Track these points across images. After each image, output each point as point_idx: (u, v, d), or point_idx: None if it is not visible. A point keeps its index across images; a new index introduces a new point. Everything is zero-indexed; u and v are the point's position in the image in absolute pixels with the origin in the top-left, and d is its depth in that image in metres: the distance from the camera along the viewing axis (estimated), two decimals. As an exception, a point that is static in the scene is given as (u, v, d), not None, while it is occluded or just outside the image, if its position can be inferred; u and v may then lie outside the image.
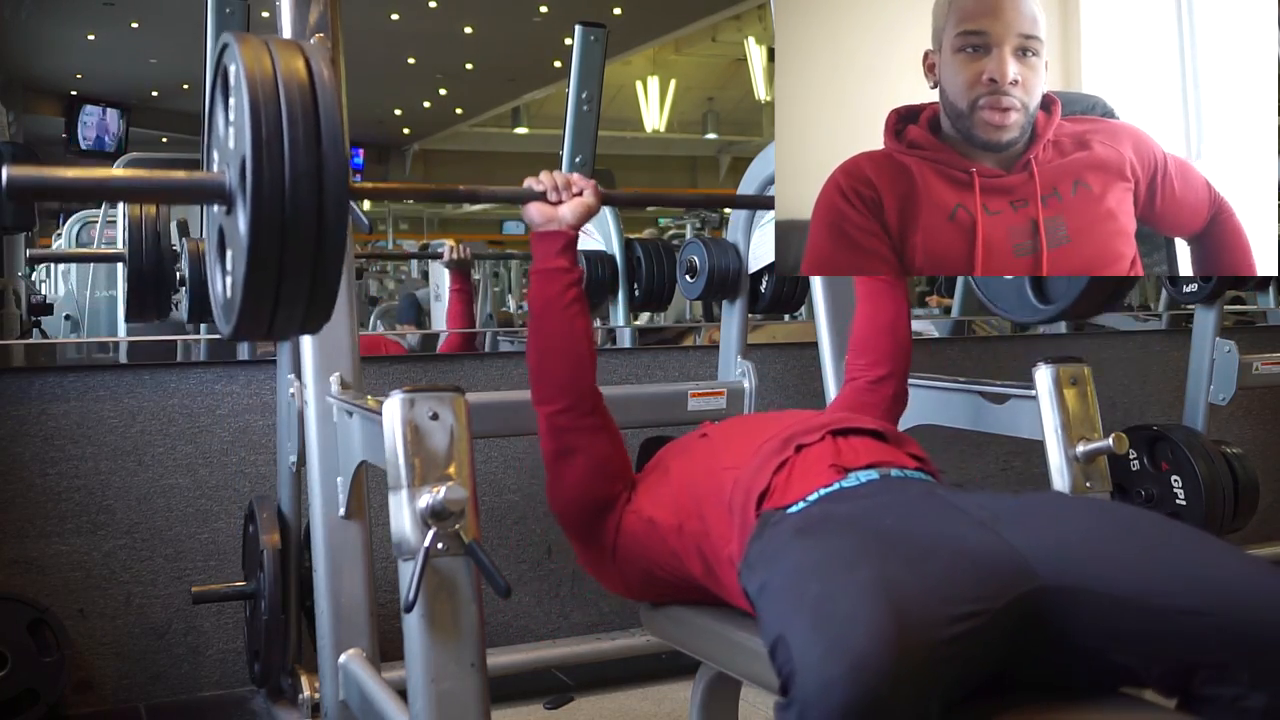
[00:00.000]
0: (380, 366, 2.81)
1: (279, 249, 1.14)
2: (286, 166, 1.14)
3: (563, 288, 1.61)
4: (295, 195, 1.14)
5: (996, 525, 1.27)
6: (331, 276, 1.20)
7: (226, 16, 3.41)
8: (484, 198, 1.61)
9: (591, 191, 1.61)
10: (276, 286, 1.17)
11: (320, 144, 1.16)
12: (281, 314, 1.20)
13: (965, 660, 1.13)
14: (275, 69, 1.16)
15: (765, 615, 1.20)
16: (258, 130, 1.13)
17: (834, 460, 1.48)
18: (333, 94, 1.19)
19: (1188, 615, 1.15)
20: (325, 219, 1.16)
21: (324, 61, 1.21)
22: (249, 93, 1.14)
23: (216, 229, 1.29)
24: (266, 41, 1.20)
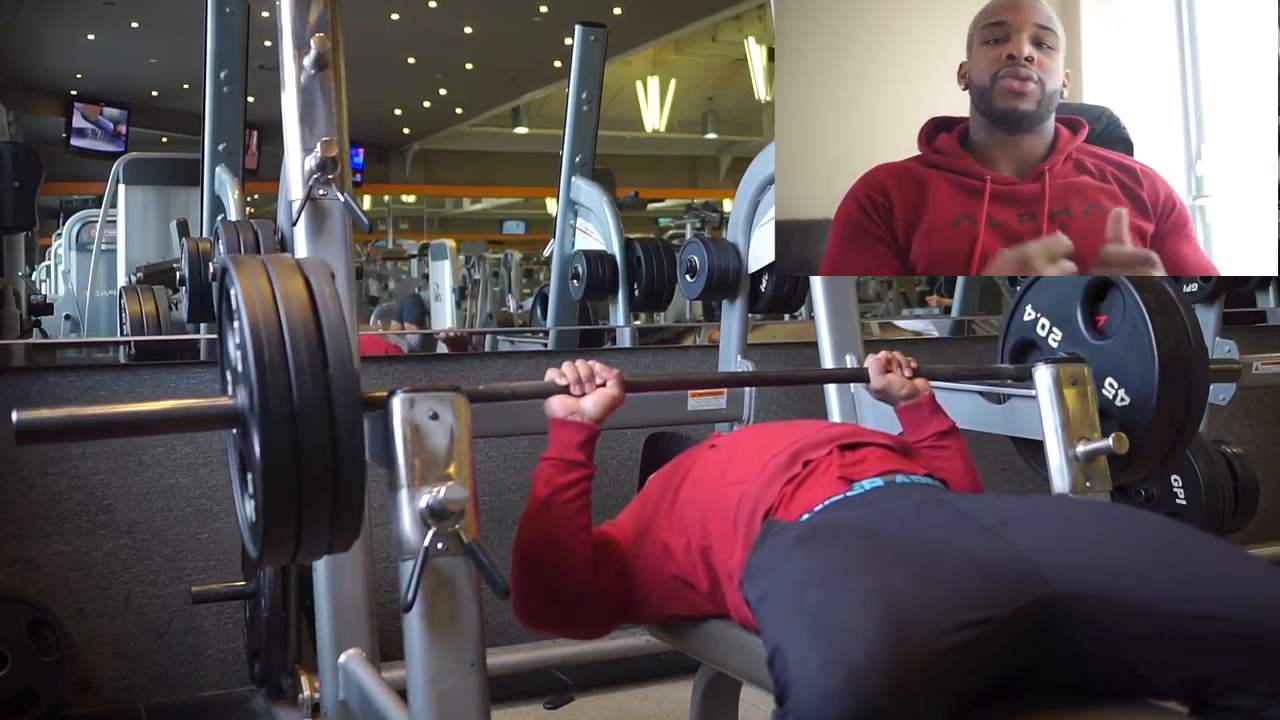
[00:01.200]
0: (380, 366, 2.81)
1: (295, 474, 1.14)
2: (294, 393, 1.13)
3: (575, 481, 1.52)
4: (305, 421, 1.14)
5: (1004, 532, 1.25)
6: (353, 498, 1.19)
7: (226, 16, 3.43)
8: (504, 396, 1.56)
9: (615, 382, 1.55)
10: (297, 510, 1.16)
11: (327, 367, 1.16)
12: (307, 536, 1.20)
13: (970, 669, 1.12)
14: (274, 293, 1.17)
15: (764, 624, 1.19)
16: (260, 360, 1.13)
17: (842, 472, 1.47)
18: (335, 313, 1.19)
19: (1201, 621, 1.14)
20: (339, 442, 1.15)
21: (324, 280, 1.21)
22: (249, 321, 1.14)
23: (237, 452, 1.29)
24: (265, 263, 1.20)
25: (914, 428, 1.71)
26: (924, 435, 1.70)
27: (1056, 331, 1.96)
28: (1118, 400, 1.84)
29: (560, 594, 1.54)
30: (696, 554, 1.51)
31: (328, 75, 1.72)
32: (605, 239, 3.61)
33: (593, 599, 1.55)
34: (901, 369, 1.72)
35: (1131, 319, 1.83)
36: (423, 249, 8.15)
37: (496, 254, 8.33)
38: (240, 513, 1.31)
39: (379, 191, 12.45)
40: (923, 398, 1.72)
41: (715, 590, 1.50)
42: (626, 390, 1.56)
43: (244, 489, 1.28)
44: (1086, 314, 1.91)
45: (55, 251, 5.88)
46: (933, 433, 1.70)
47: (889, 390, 1.72)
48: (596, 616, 1.60)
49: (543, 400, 1.57)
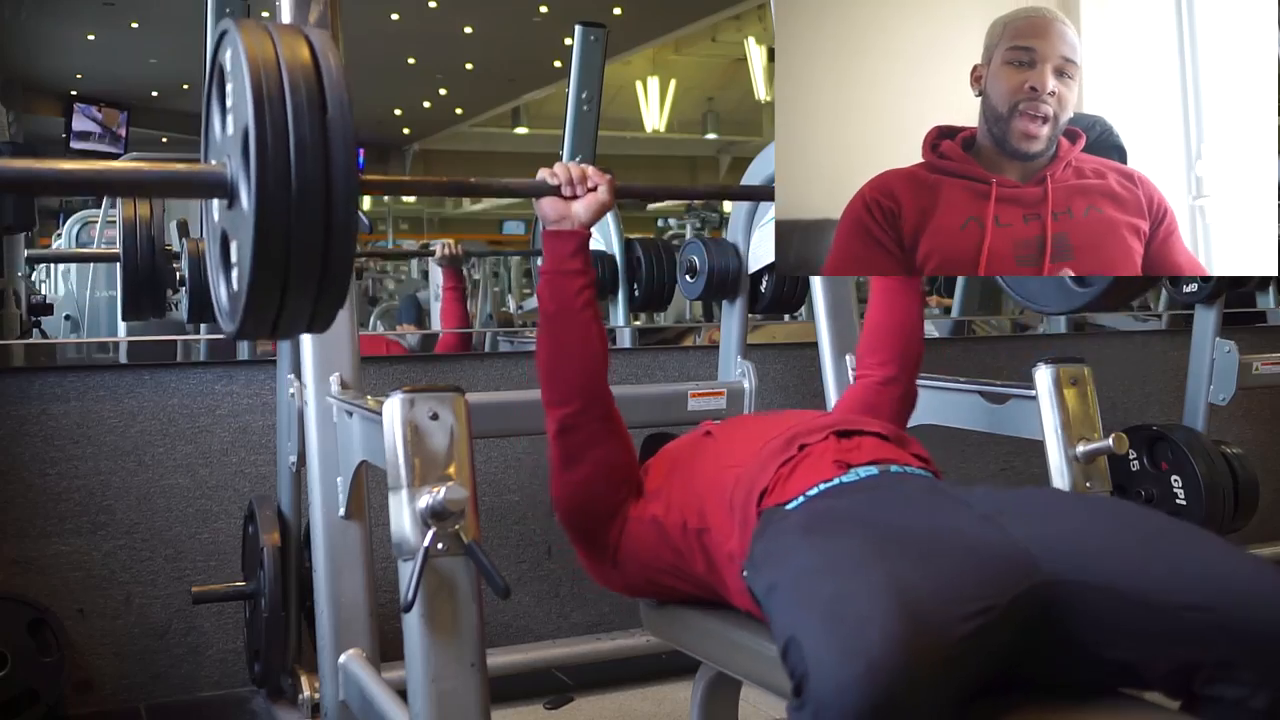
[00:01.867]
0: (380, 366, 2.81)
1: (285, 235, 1.09)
2: (291, 139, 1.08)
3: (577, 289, 1.58)
4: (302, 172, 1.08)
5: (1000, 519, 1.27)
6: (342, 266, 1.14)
7: (226, 17, 3.42)
8: (495, 191, 1.59)
9: (606, 186, 1.57)
10: (284, 276, 1.11)
11: (326, 115, 1.10)
12: (289, 307, 1.15)
13: (977, 658, 1.13)
14: (277, 49, 1.11)
15: (776, 616, 1.20)
16: (259, 100, 1.08)
17: (837, 457, 1.48)
18: (338, 74, 1.14)
19: (1190, 611, 1.15)
20: (334, 199, 1.10)
21: (329, 45, 1.17)
22: (249, 66, 1.09)
23: (219, 232, 1.25)
24: (268, 25, 1.15)
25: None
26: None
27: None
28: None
29: (585, 387, 1.59)
30: (693, 536, 1.53)
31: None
32: (605, 239, 3.61)
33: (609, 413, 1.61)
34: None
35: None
36: (423, 249, 8.14)
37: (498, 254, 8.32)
38: (216, 294, 1.26)
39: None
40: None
41: (712, 570, 1.51)
42: (618, 196, 1.59)
43: (224, 264, 1.23)
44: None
45: (55, 248, 5.87)
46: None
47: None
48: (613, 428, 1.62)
49: (534, 200, 1.60)
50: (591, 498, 1.62)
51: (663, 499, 1.59)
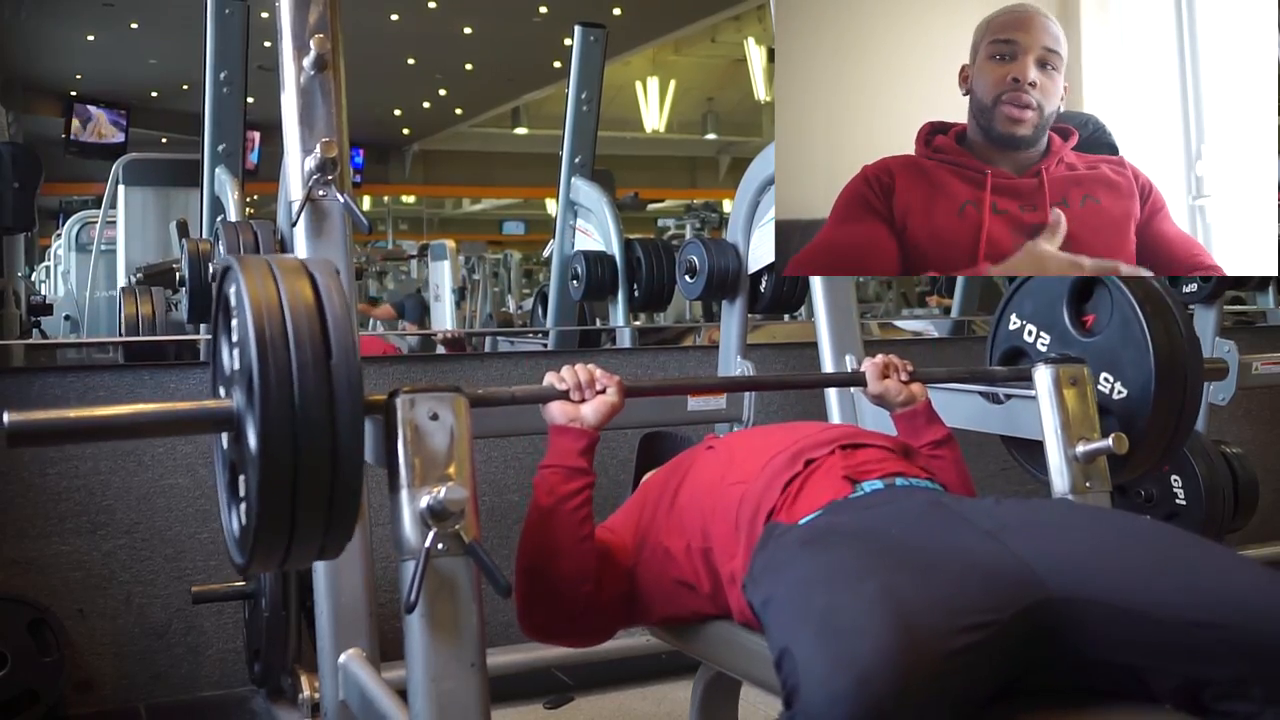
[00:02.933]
0: (380, 366, 2.81)
1: (291, 477, 1.12)
2: (295, 389, 1.11)
3: (576, 490, 1.51)
4: (306, 417, 1.11)
5: (1003, 536, 1.26)
6: (349, 501, 1.16)
7: (226, 17, 3.43)
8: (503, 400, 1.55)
9: (615, 389, 1.54)
10: (291, 512, 1.13)
11: (330, 360, 1.14)
12: (297, 543, 1.17)
13: (973, 673, 1.12)
14: (279, 289, 1.15)
15: (771, 627, 1.19)
16: (263, 352, 1.11)
17: (843, 473, 1.47)
18: (342, 315, 1.16)
19: (1198, 628, 1.14)
20: (339, 441, 1.13)
21: (330, 276, 1.19)
22: (251, 312, 1.12)
23: (227, 463, 1.27)
24: (270, 263, 1.18)
25: (910, 435, 1.71)
26: (920, 443, 1.69)
27: (1044, 336, 1.97)
28: (1114, 394, 1.84)
29: (566, 605, 1.53)
30: (698, 556, 1.51)
31: (327, 76, 1.72)
32: (605, 239, 3.61)
33: (597, 608, 1.55)
34: (898, 373, 1.72)
35: (1122, 313, 1.83)
36: (422, 249, 8.15)
37: (496, 254, 8.32)
38: (226, 522, 1.28)
39: (379, 192, 12.44)
40: (919, 405, 1.72)
41: (717, 592, 1.50)
42: (626, 396, 1.55)
43: (232, 496, 1.25)
44: (1073, 315, 1.92)
45: (55, 252, 5.88)
46: (929, 441, 1.70)
47: (885, 396, 1.72)
48: (601, 624, 1.60)
49: (541, 406, 1.56)
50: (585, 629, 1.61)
51: (670, 528, 1.57)
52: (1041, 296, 1.98)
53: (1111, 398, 1.84)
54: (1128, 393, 1.83)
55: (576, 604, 1.53)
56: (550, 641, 1.62)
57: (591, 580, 1.52)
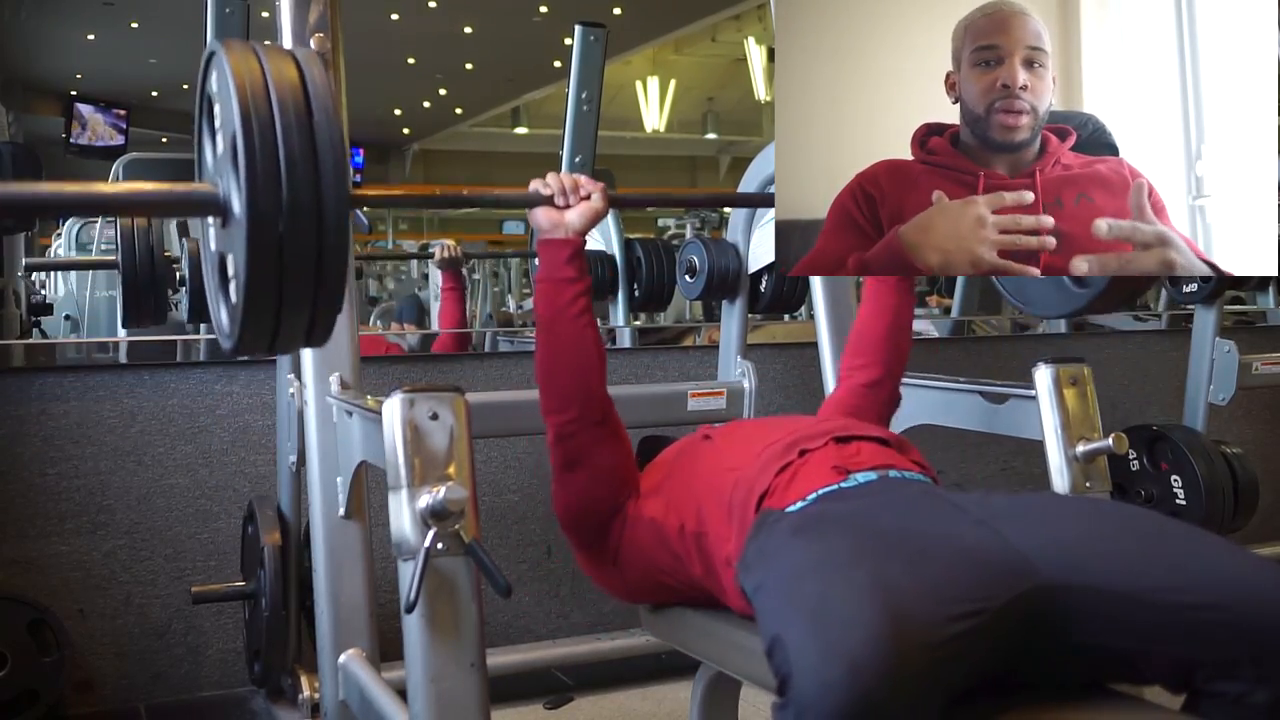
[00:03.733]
0: (380, 366, 2.81)
1: (278, 243, 1.09)
2: (279, 142, 1.08)
3: (571, 297, 1.58)
4: (292, 177, 1.08)
5: (996, 523, 1.27)
6: (336, 274, 1.14)
7: (226, 17, 3.42)
8: (488, 202, 1.60)
9: (600, 195, 1.59)
10: (278, 285, 1.12)
11: (312, 121, 1.11)
12: (286, 318, 1.15)
13: (966, 660, 1.13)
14: (262, 62, 1.12)
15: (762, 615, 1.20)
16: (244, 103, 1.08)
17: (837, 463, 1.48)
18: (323, 83, 1.14)
19: (1189, 610, 1.16)
20: (325, 205, 1.10)
21: (313, 59, 1.17)
22: (234, 77, 1.10)
23: (216, 255, 1.25)
24: (254, 46, 1.16)
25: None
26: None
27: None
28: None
29: (582, 397, 1.59)
30: (690, 539, 1.53)
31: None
32: (605, 239, 3.61)
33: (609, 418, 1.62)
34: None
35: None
36: (423, 249, 8.14)
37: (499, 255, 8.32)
38: (215, 312, 1.26)
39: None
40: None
41: (708, 574, 1.51)
42: (611, 205, 1.60)
43: (217, 281, 1.23)
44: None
45: (55, 252, 5.88)
46: None
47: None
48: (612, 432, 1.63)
49: (527, 210, 1.61)
50: (593, 500, 1.63)
51: (660, 501, 1.59)
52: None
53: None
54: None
55: (593, 400, 1.59)
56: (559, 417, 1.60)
57: (599, 369, 1.60)
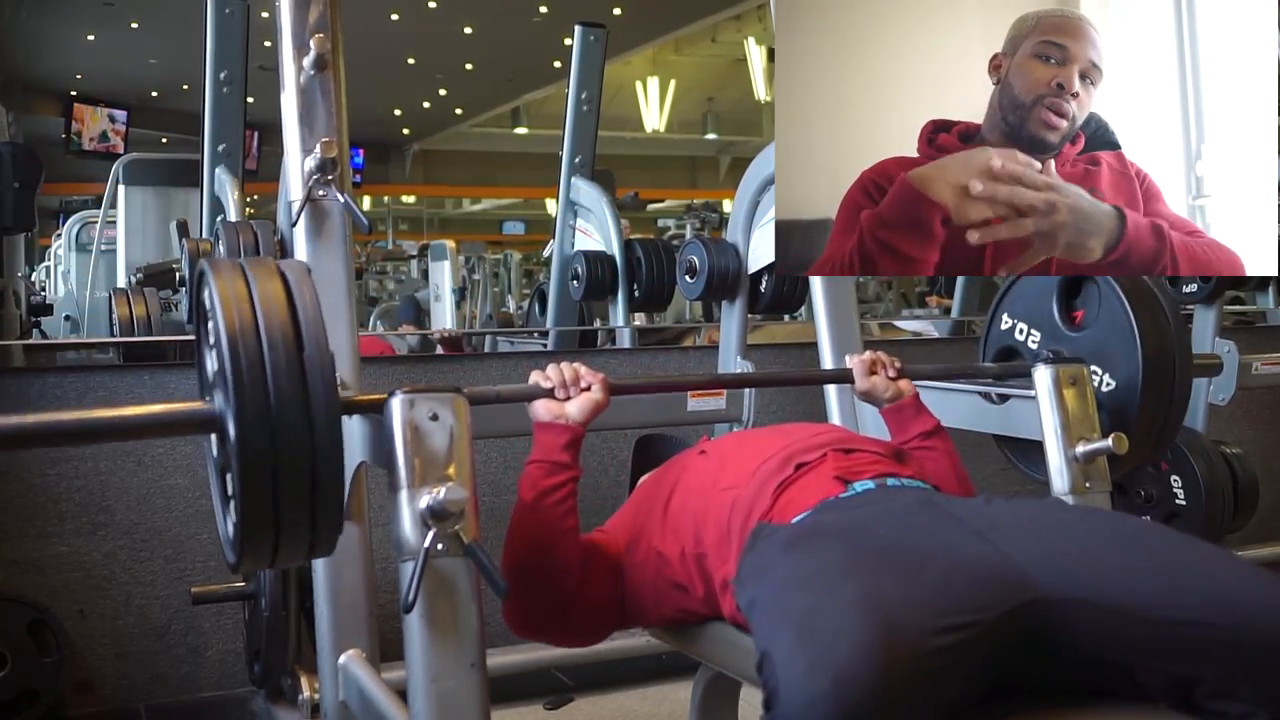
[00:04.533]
0: (380, 366, 2.81)
1: (271, 464, 1.13)
2: (270, 391, 1.12)
3: (560, 484, 1.52)
4: (282, 420, 1.12)
5: (993, 535, 1.25)
6: (332, 501, 1.17)
7: (226, 17, 3.43)
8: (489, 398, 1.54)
9: (600, 386, 1.55)
10: (275, 514, 1.15)
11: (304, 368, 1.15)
12: (285, 542, 1.18)
13: (957, 672, 1.11)
14: (250, 289, 1.16)
15: (755, 629, 1.19)
16: (235, 359, 1.12)
17: (836, 473, 1.47)
18: (313, 312, 1.17)
19: (1188, 628, 1.14)
20: (317, 442, 1.14)
21: (303, 279, 1.20)
22: (224, 321, 1.13)
23: (219, 468, 1.27)
24: (242, 265, 1.19)
25: (899, 429, 1.72)
26: (909, 436, 1.70)
27: (1034, 333, 1.99)
28: (1103, 386, 1.86)
29: (550, 599, 1.53)
30: (691, 561, 1.51)
31: (327, 76, 1.72)
32: (605, 239, 3.61)
33: (582, 604, 1.55)
34: (885, 370, 1.73)
35: (1109, 306, 1.86)
36: (422, 249, 8.14)
37: (496, 254, 8.32)
38: (220, 524, 1.29)
39: (379, 192, 12.44)
40: (906, 399, 1.72)
41: (710, 596, 1.50)
42: (611, 394, 1.56)
43: (224, 498, 1.26)
44: (1062, 311, 1.94)
45: (55, 252, 5.89)
46: (918, 433, 1.70)
47: (873, 392, 1.72)
48: (587, 623, 1.60)
49: (526, 404, 1.56)
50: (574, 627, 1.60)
51: (664, 532, 1.57)
52: (1032, 295, 1.99)
53: (1101, 390, 1.86)
54: (1116, 384, 1.85)
55: (562, 598, 1.53)
56: (535, 636, 1.61)
57: (577, 573, 1.52)
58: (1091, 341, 1.88)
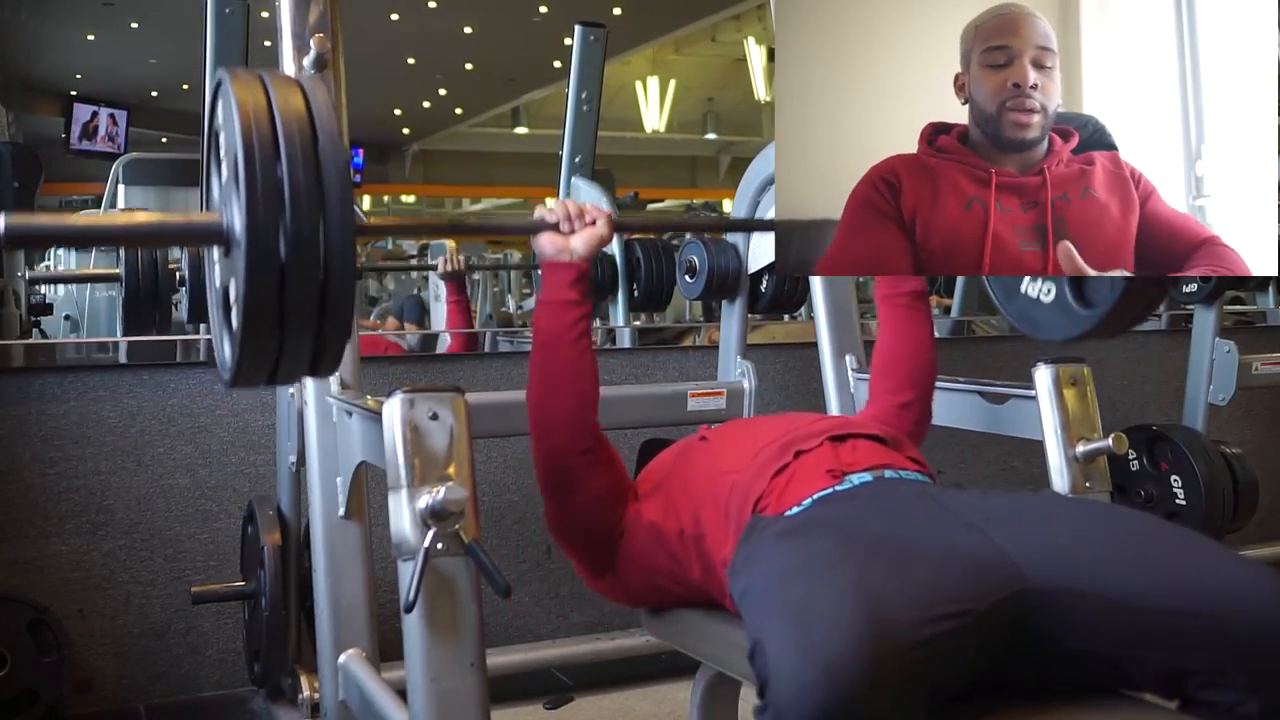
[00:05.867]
0: (380, 366, 2.81)
1: (279, 270, 1.07)
2: (283, 160, 1.06)
3: (572, 321, 1.56)
4: (295, 193, 1.06)
5: (986, 527, 1.27)
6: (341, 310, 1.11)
7: (226, 17, 3.42)
8: (494, 230, 1.59)
9: (605, 221, 1.58)
10: (279, 312, 1.09)
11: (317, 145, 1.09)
12: (289, 348, 1.12)
13: (948, 661, 1.12)
14: (269, 93, 1.11)
15: (747, 619, 1.20)
16: (246, 120, 1.07)
17: (832, 465, 1.48)
18: (331, 118, 1.12)
19: (1178, 617, 1.14)
20: (330, 232, 1.08)
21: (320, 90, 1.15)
22: (239, 108, 1.08)
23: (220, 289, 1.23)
24: (259, 73, 1.14)
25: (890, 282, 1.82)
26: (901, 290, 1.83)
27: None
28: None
29: (574, 431, 1.57)
30: (690, 542, 1.53)
31: (327, 75, 1.72)
32: (605, 239, 3.61)
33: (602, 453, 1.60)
34: None
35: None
36: (422, 249, 8.14)
37: (496, 254, 8.32)
38: (219, 351, 1.24)
39: (378, 192, 12.44)
40: None
41: (708, 577, 1.52)
42: (615, 230, 1.59)
43: (221, 314, 1.21)
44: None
45: (55, 252, 5.88)
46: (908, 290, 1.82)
47: None
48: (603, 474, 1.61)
49: (531, 237, 1.61)
50: (586, 520, 1.62)
51: (659, 505, 1.59)
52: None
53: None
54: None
55: (586, 434, 1.57)
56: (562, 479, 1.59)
57: (592, 398, 1.57)
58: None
